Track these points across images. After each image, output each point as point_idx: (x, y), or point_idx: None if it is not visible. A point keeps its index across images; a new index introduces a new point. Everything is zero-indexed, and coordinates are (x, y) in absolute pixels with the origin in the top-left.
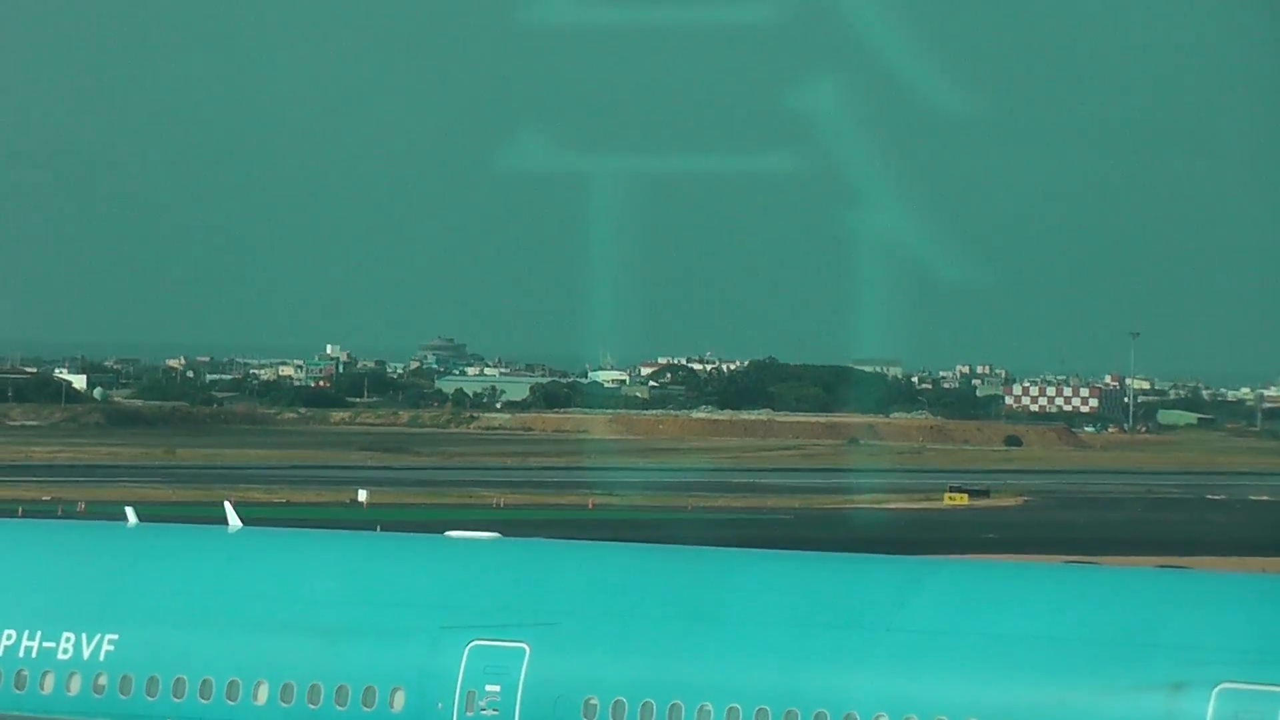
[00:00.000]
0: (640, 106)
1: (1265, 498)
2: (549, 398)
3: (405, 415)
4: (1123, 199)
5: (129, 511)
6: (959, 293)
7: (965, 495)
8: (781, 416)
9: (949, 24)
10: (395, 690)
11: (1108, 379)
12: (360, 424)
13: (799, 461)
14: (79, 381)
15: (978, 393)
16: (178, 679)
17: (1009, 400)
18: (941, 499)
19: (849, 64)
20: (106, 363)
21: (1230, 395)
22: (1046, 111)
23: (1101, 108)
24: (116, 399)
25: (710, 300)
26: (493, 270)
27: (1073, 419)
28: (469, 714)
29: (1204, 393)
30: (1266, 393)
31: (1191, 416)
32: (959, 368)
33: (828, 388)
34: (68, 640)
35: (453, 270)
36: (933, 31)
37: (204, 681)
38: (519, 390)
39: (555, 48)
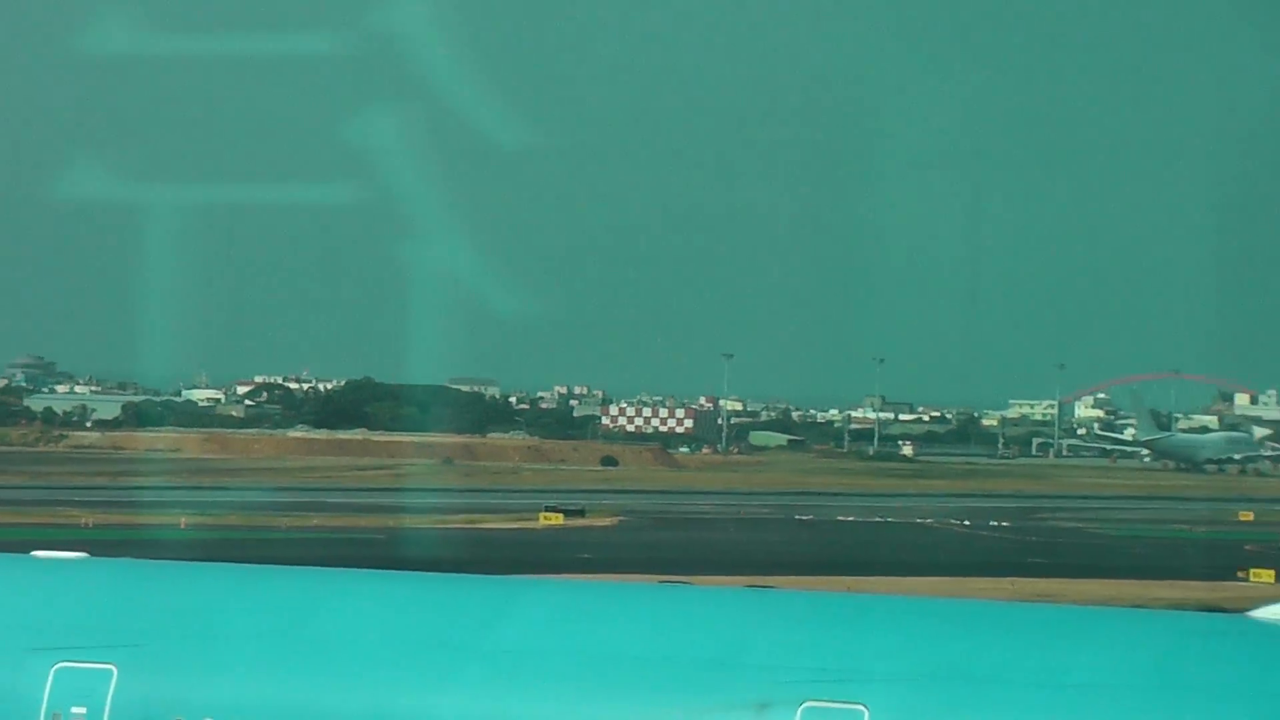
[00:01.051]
0: (215, 137)
1: (852, 518)
2: (141, 416)
3: None
4: (715, 222)
5: None
6: (554, 314)
7: (561, 515)
8: (378, 435)
9: (505, 57)
10: None
11: (702, 400)
12: None
13: (394, 481)
14: None
15: (575, 413)
16: None
17: (605, 420)
18: (537, 518)
19: (409, 97)
20: None
21: (820, 417)
22: (633, 138)
23: (673, 134)
24: None
25: (305, 321)
26: (83, 287)
27: (668, 439)
28: None
29: (794, 414)
30: (854, 414)
31: (782, 438)
32: (556, 388)
33: (424, 407)
34: None
35: (42, 286)
36: (491, 65)
37: None
38: (110, 409)
39: (124, 77)
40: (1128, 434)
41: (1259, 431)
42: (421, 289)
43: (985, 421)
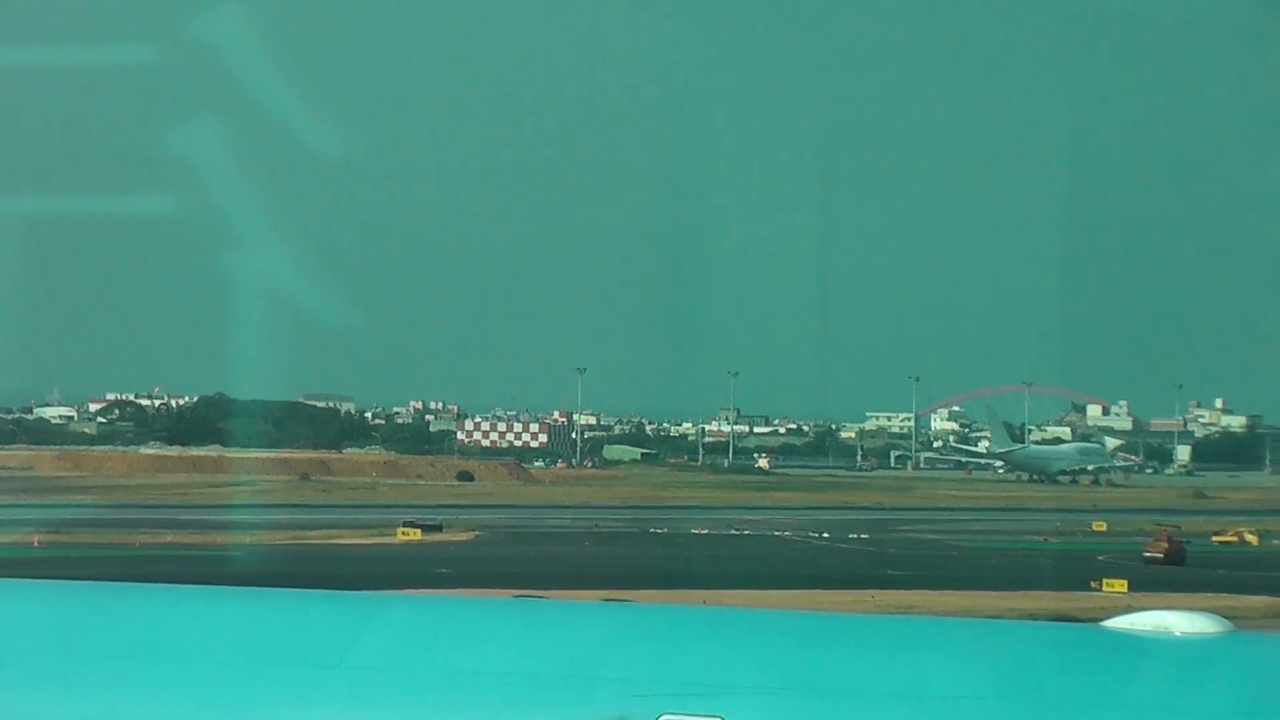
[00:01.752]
0: (48, 148)
1: (706, 530)
2: None
3: None
4: (566, 234)
5: None
6: (406, 329)
7: (418, 530)
8: (232, 452)
9: (328, 67)
10: None
11: (556, 415)
12: None
13: (250, 497)
14: None
15: (431, 428)
16: None
17: (461, 435)
18: (395, 534)
19: (229, 108)
20: None
21: (674, 430)
22: (473, 147)
23: (515, 143)
24: None
25: (156, 337)
26: None
27: (523, 454)
28: None
29: (648, 428)
30: (709, 427)
31: (636, 451)
32: (412, 403)
33: (279, 423)
34: None
35: None
36: (310, 75)
37: None
38: None
39: None
40: (982, 446)
41: (1111, 442)
42: (268, 304)
43: (843, 434)
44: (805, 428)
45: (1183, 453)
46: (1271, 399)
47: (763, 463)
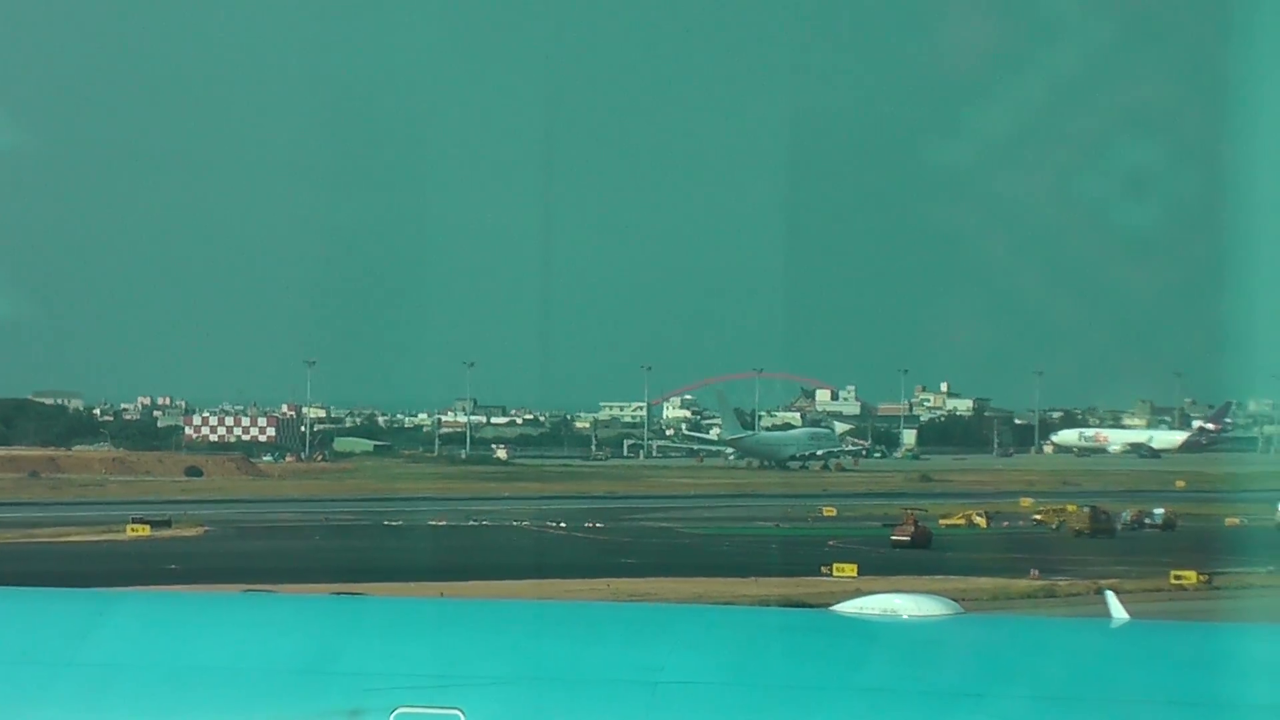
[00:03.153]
0: None
1: (444, 521)
2: None
3: None
4: (292, 225)
5: None
6: (134, 321)
7: (148, 526)
8: None
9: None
10: None
11: (284, 408)
12: None
13: None
14: None
15: (159, 424)
16: None
17: (189, 431)
18: (124, 530)
19: None
20: None
21: (409, 422)
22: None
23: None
24: None
25: None
26: None
27: (251, 448)
28: None
29: (380, 419)
30: (445, 418)
31: (368, 443)
32: (140, 399)
33: (7, 421)
34: None
35: None
36: None
37: None
38: None
39: None
40: (713, 433)
41: (840, 427)
42: None
43: (578, 424)
44: (542, 418)
45: (909, 436)
46: (996, 382)
47: (501, 453)
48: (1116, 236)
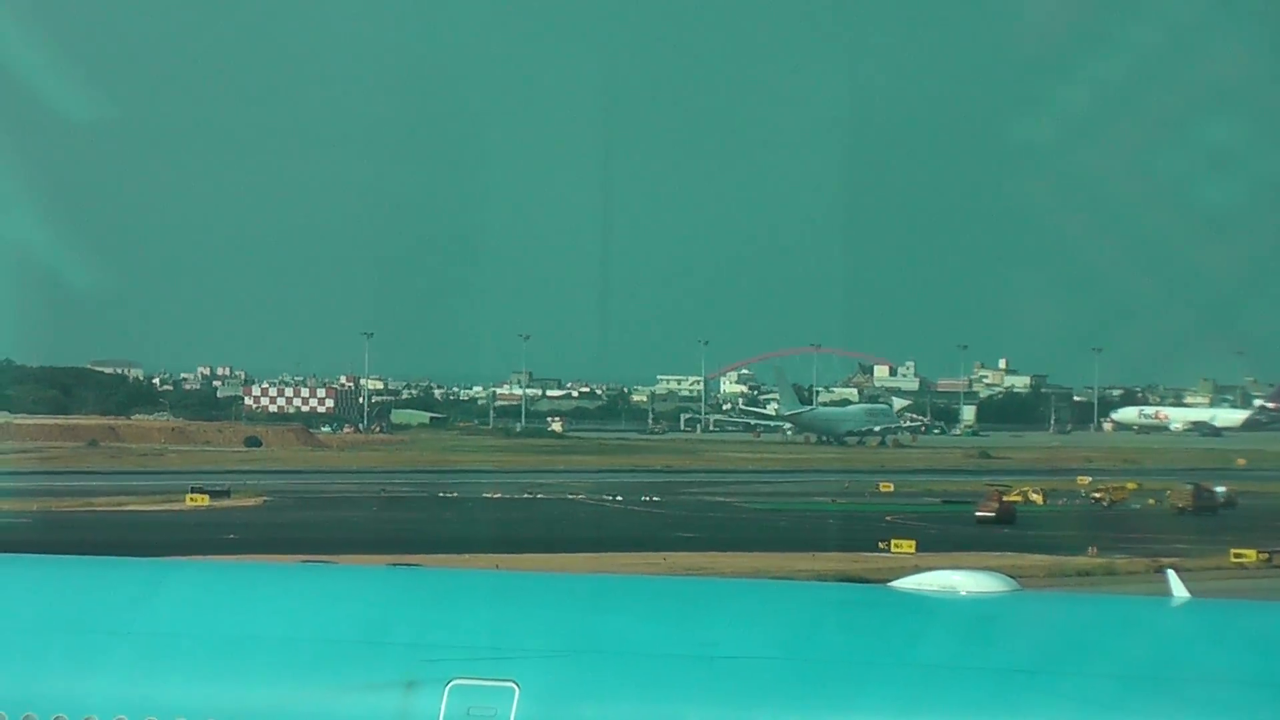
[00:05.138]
0: None
1: (499, 495)
2: None
3: None
4: (349, 199)
5: None
6: (194, 294)
7: (206, 496)
8: (20, 419)
9: (74, 28)
10: None
11: (343, 379)
12: None
13: (39, 464)
14: None
15: (219, 394)
16: None
17: (248, 401)
18: (184, 500)
19: None
20: None
21: (464, 394)
22: (237, 109)
23: (285, 107)
24: None
25: None
26: None
27: (310, 419)
28: None
29: (436, 392)
30: (500, 391)
31: (424, 415)
32: (200, 369)
33: (66, 390)
34: None
35: None
36: (59, 36)
37: None
38: None
39: None
40: (771, 408)
41: (898, 403)
42: (48, 269)
43: (635, 397)
44: (598, 391)
45: (968, 413)
46: (1055, 359)
47: (556, 426)
48: (1184, 214)
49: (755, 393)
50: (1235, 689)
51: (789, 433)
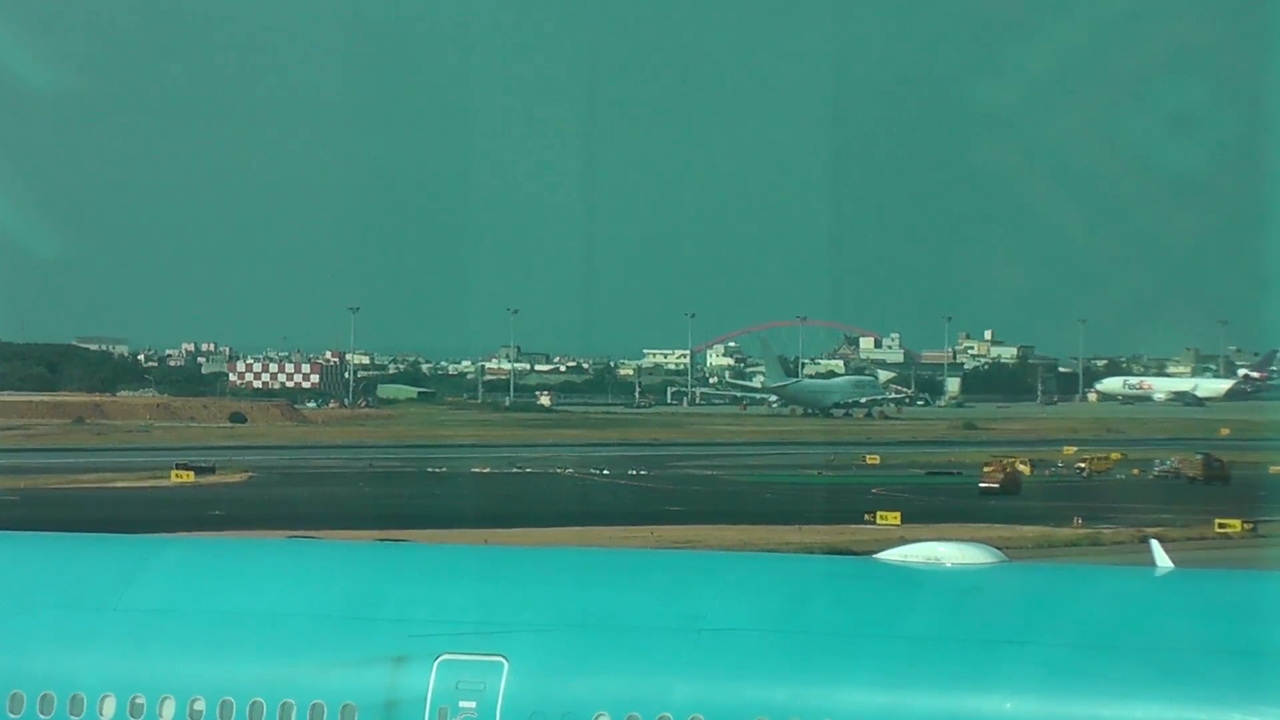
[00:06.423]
0: None
1: (487, 469)
2: None
3: None
4: (333, 171)
5: None
6: (178, 269)
7: (192, 472)
8: (6, 396)
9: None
10: None
11: (328, 354)
12: None
13: (25, 441)
14: None
15: (204, 370)
16: None
17: (233, 377)
18: (169, 476)
19: None
20: None
21: (452, 369)
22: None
23: (269, 80)
24: None
25: None
26: None
27: (295, 395)
28: None
29: (424, 367)
30: (488, 365)
31: (412, 390)
32: (184, 345)
33: (52, 366)
34: None
35: None
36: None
37: None
38: None
39: None
40: (757, 381)
41: (883, 375)
42: (30, 246)
43: (621, 371)
44: (585, 365)
45: (953, 385)
46: (1040, 330)
47: (544, 400)
48: (1163, 182)
49: (741, 365)
50: (1216, 657)
51: (775, 405)
